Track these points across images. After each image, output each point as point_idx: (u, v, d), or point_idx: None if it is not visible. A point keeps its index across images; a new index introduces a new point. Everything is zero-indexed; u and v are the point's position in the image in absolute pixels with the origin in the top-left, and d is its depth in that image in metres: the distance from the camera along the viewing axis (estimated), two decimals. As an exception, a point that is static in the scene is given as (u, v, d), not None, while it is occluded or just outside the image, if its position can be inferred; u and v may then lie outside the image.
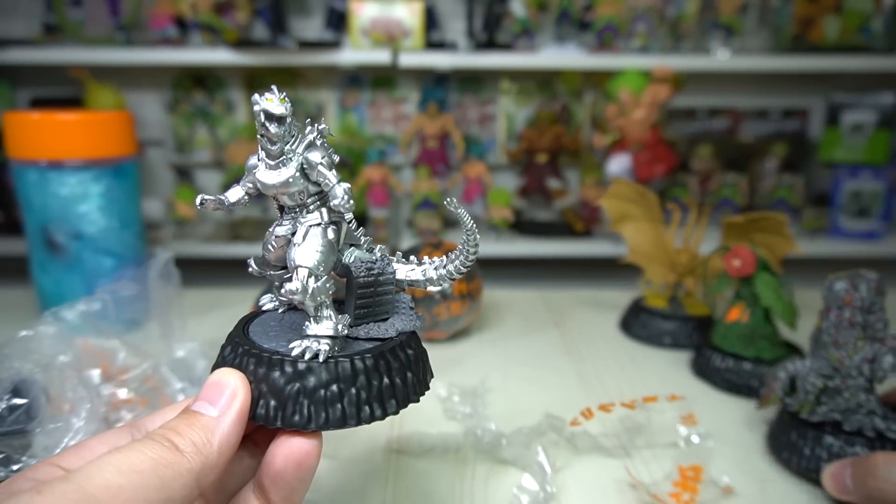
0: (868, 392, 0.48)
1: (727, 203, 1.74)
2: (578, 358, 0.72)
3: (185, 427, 0.27)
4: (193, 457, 0.26)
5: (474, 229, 0.33)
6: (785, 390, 0.52)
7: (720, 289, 0.67)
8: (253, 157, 0.32)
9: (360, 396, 0.29)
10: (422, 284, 0.35)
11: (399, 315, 0.35)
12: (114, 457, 0.24)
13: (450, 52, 1.63)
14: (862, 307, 0.47)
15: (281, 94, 0.30)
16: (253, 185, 0.33)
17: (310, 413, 0.28)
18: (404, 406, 0.31)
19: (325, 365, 0.29)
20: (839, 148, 1.71)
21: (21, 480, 0.26)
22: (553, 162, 1.70)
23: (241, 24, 1.62)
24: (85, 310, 0.61)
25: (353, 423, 0.29)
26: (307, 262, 0.30)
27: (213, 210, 0.32)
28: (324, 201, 0.32)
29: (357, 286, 0.33)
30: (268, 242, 0.33)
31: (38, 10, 1.69)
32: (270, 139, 0.30)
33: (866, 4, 1.63)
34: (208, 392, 0.29)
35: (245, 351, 0.30)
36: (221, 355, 0.32)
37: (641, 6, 1.64)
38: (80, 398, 0.47)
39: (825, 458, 0.47)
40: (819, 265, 1.54)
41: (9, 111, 0.74)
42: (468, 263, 0.34)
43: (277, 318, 0.36)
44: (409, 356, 0.32)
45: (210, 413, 0.28)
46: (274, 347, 0.31)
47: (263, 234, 0.34)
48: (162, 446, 0.25)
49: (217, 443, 0.27)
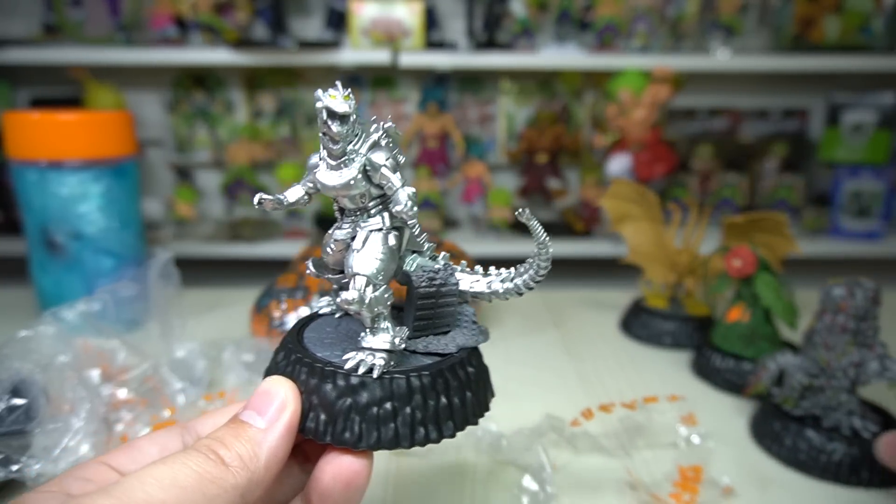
0: (850, 393, 0.50)
1: (727, 203, 1.74)
2: (579, 358, 0.72)
3: (232, 439, 0.26)
4: (239, 471, 0.25)
5: (547, 242, 0.31)
6: (772, 381, 0.54)
7: (720, 289, 0.67)
8: (315, 156, 0.31)
9: (414, 416, 0.28)
10: (486, 297, 0.33)
11: (461, 329, 0.33)
12: (157, 469, 0.23)
13: (450, 52, 1.63)
14: (856, 314, 0.49)
15: (345, 91, 0.28)
16: (313, 185, 0.31)
17: (361, 431, 0.27)
18: (462, 429, 0.29)
19: (380, 381, 0.27)
20: (839, 148, 1.71)
21: (70, 479, 0.26)
22: (553, 162, 1.70)
23: (241, 24, 1.62)
24: (85, 310, 0.61)
25: (407, 445, 0.27)
26: (366, 269, 0.29)
27: (270, 210, 0.31)
28: (386, 205, 0.30)
29: (417, 296, 0.31)
30: (326, 245, 0.32)
31: (38, 9, 1.69)
32: (332, 138, 0.29)
33: (866, 4, 1.63)
34: (257, 401, 0.27)
35: (298, 359, 0.29)
36: (274, 361, 0.31)
37: (641, 6, 1.64)
38: (79, 398, 0.47)
39: (805, 449, 0.50)
40: (819, 265, 1.54)
41: (9, 111, 0.74)
42: (538, 278, 0.32)
43: (334, 323, 0.34)
44: (469, 374, 0.30)
45: (258, 424, 0.27)
46: (328, 357, 0.29)
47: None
48: (207, 459, 0.24)
49: (264, 457, 0.26)
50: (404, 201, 0.29)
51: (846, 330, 0.50)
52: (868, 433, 0.49)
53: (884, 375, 0.49)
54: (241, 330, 0.75)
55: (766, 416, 0.54)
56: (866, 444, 0.49)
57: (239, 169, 1.71)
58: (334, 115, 0.28)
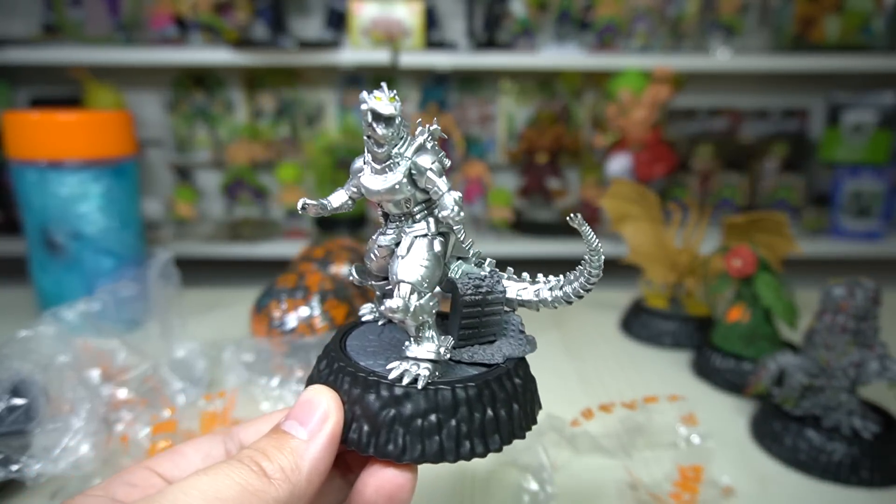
0: (850, 393, 0.50)
1: (727, 203, 1.74)
2: (579, 358, 0.72)
3: (274, 450, 0.25)
4: (281, 484, 0.24)
5: (599, 249, 0.30)
6: (773, 381, 0.54)
7: (720, 289, 0.67)
8: (358, 160, 0.30)
9: (460, 430, 0.27)
10: (533, 305, 0.32)
11: (507, 338, 0.32)
12: (200, 480, 0.23)
13: (450, 52, 1.63)
14: (856, 315, 0.50)
15: (391, 93, 0.27)
16: (357, 189, 0.30)
17: (405, 443, 0.26)
18: (508, 442, 0.28)
19: (424, 392, 0.27)
20: (840, 148, 1.71)
21: (116, 484, 0.26)
22: (553, 162, 1.70)
23: (241, 24, 1.62)
24: (85, 310, 0.61)
25: (452, 459, 0.27)
26: (410, 277, 0.28)
27: (314, 215, 0.30)
28: (431, 210, 0.30)
29: (463, 305, 0.30)
30: (370, 251, 0.31)
31: (38, 9, 1.69)
32: (377, 141, 0.28)
33: (867, 4, 1.63)
34: (299, 411, 0.27)
35: (341, 368, 0.28)
36: (317, 369, 0.30)
37: (641, 6, 1.64)
38: (79, 398, 0.47)
39: (805, 449, 0.50)
40: (819, 265, 1.54)
41: (8, 111, 0.74)
42: (589, 286, 0.31)
43: (377, 331, 0.33)
44: (516, 386, 0.29)
45: (300, 435, 0.26)
46: (371, 366, 0.28)
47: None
48: (250, 471, 0.24)
49: (306, 469, 0.25)
50: (451, 206, 0.28)
51: (846, 330, 0.50)
52: (868, 433, 0.49)
53: (884, 375, 0.49)
54: (241, 330, 0.75)
55: (767, 416, 0.54)
56: (866, 444, 0.48)
57: (239, 169, 1.71)
58: (380, 117, 0.27)
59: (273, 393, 0.58)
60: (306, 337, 0.61)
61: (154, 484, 0.27)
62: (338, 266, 0.69)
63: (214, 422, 0.52)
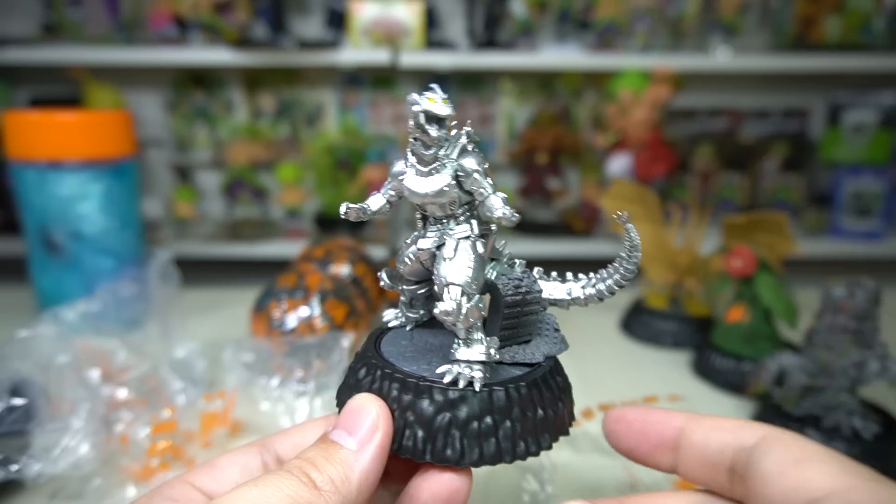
0: (850, 393, 0.50)
1: (727, 203, 1.74)
2: (579, 358, 0.72)
3: (324, 461, 0.25)
4: (331, 496, 0.24)
5: (638, 246, 0.30)
6: (773, 381, 0.54)
7: (720, 289, 0.67)
8: (399, 163, 0.30)
9: (514, 430, 0.27)
10: (565, 304, 0.32)
11: (542, 337, 0.32)
12: (248, 491, 0.22)
13: (450, 52, 1.63)
14: (856, 315, 0.49)
15: (443, 94, 0.27)
16: (396, 192, 0.30)
17: (462, 447, 0.26)
18: (556, 440, 0.28)
19: (479, 394, 0.26)
20: (840, 148, 1.71)
21: (157, 498, 0.25)
22: (553, 162, 1.70)
23: (241, 24, 1.62)
24: (85, 310, 0.61)
25: (509, 460, 0.27)
26: (459, 279, 0.27)
27: (355, 219, 0.30)
28: (473, 212, 0.30)
29: (505, 305, 0.30)
30: (404, 255, 0.31)
31: (37, 9, 1.69)
32: (427, 143, 0.28)
33: (867, 3, 1.63)
34: (348, 420, 0.26)
35: (387, 375, 0.28)
36: (355, 377, 0.29)
37: (641, 6, 1.64)
38: (79, 398, 0.47)
39: None
40: (819, 265, 1.54)
41: (8, 111, 0.74)
42: (623, 283, 0.31)
43: (408, 336, 0.33)
44: (558, 384, 0.30)
45: (349, 445, 0.26)
46: (416, 371, 0.28)
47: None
48: (300, 482, 0.23)
49: (357, 481, 0.25)
50: (501, 206, 0.28)
51: (846, 330, 0.50)
52: (868, 433, 0.49)
53: (884, 375, 0.49)
54: (241, 330, 0.75)
55: (767, 416, 0.54)
56: (867, 445, 0.48)
57: (239, 169, 1.71)
58: (433, 118, 0.27)
59: (273, 393, 0.58)
60: (306, 337, 0.61)
61: (193, 498, 0.26)
62: (338, 266, 0.69)
63: (214, 422, 0.52)
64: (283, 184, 1.67)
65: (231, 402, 0.53)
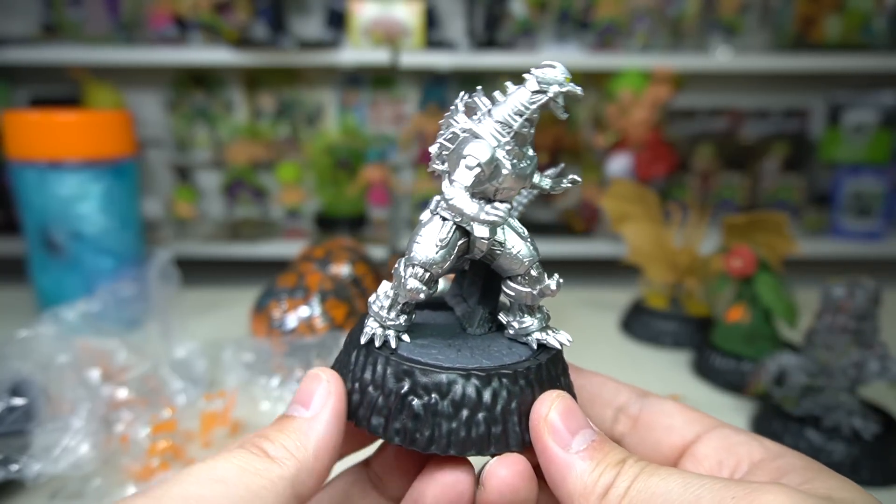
0: (850, 393, 0.50)
1: (727, 203, 1.74)
2: (579, 358, 0.72)
3: (276, 432, 0.25)
4: (286, 462, 0.24)
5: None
6: (773, 381, 0.54)
7: (720, 289, 0.67)
8: (486, 156, 0.27)
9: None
10: None
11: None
12: (196, 466, 0.23)
13: (450, 52, 1.63)
14: (856, 315, 0.49)
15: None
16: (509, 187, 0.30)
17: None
18: None
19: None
20: (840, 148, 1.71)
21: None
22: (553, 162, 1.70)
23: (241, 24, 1.62)
24: (85, 310, 0.61)
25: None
26: (531, 255, 0.31)
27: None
28: None
29: None
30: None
31: (37, 8, 1.69)
32: (533, 125, 0.28)
33: (867, 3, 1.63)
34: (300, 395, 0.27)
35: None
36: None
37: (641, 6, 1.64)
38: (79, 398, 0.47)
39: (805, 449, 0.49)
40: (819, 265, 1.54)
41: (8, 111, 0.74)
42: None
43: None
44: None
45: (303, 415, 0.26)
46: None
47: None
48: (250, 454, 0.24)
49: (313, 446, 0.25)
50: None
51: (846, 330, 0.50)
52: (868, 433, 0.49)
53: (884, 375, 0.49)
54: (241, 330, 0.75)
55: (767, 416, 0.54)
56: (867, 445, 0.48)
57: (239, 169, 1.71)
58: (575, 98, 0.26)
59: (273, 393, 0.58)
60: (306, 337, 0.61)
61: None
62: (338, 266, 0.69)
63: (214, 422, 0.52)
64: (283, 184, 1.67)
65: (231, 401, 0.53)
